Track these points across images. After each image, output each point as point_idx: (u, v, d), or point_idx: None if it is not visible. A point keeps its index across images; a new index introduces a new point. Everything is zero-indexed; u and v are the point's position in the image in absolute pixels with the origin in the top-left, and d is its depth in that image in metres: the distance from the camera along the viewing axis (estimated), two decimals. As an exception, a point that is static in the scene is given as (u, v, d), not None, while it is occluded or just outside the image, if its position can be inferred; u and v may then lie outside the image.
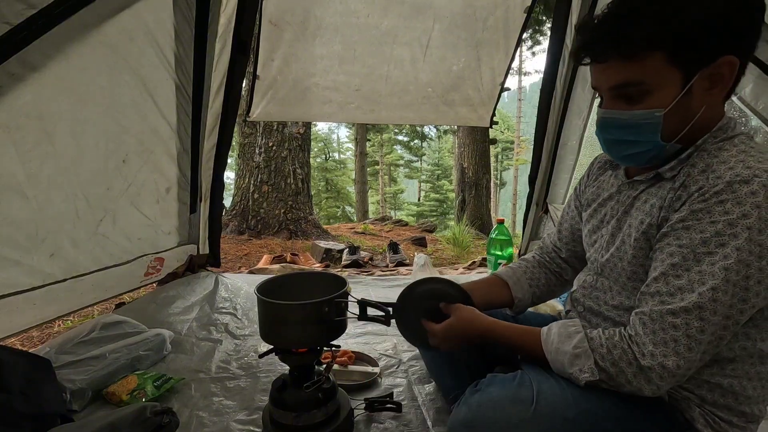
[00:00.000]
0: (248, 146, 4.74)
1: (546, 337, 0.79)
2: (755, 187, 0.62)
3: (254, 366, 1.35)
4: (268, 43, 2.36)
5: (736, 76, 0.69)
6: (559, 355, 0.76)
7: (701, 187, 0.66)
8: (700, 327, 0.63)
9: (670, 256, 0.68)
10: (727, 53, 0.65)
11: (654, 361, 0.65)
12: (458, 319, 0.89)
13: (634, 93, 0.70)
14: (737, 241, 0.62)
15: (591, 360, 0.71)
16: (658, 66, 0.67)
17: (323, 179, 14.07)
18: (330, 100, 2.71)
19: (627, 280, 0.79)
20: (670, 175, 0.74)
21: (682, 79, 0.67)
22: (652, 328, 0.67)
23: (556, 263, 1.10)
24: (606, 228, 0.87)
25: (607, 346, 0.70)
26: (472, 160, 7.06)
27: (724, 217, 0.63)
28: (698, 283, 0.64)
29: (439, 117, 2.93)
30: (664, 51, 0.66)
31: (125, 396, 1.11)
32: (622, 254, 0.79)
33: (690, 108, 0.69)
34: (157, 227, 2.03)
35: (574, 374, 0.73)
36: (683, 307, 0.64)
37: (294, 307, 0.87)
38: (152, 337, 1.36)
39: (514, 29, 2.42)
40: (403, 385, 1.24)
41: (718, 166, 0.66)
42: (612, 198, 0.87)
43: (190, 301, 1.88)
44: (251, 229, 4.52)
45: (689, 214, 0.66)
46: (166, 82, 1.86)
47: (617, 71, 0.70)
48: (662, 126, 0.70)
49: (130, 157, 1.75)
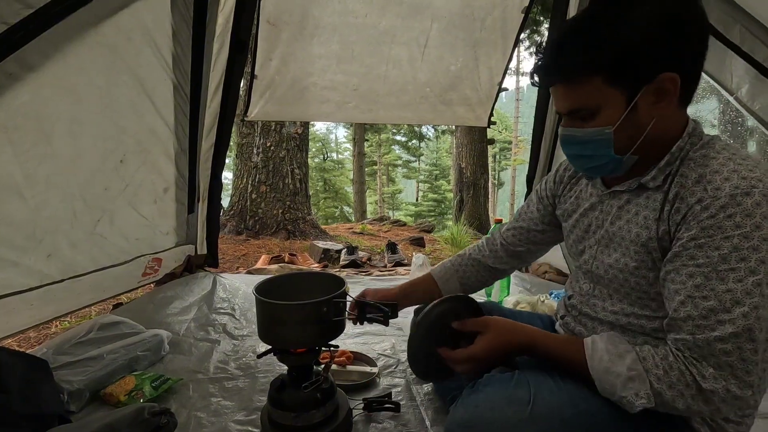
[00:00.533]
0: (246, 146, 4.74)
1: (592, 353, 0.74)
2: (758, 198, 0.63)
3: (252, 366, 1.35)
4: (266, 43, 2.36)
5: (688, 86, 0.71)
6: (609, 375, 0.71)
7: (701, 199, 0.67)
8: (753, 348, 0.63)
9: (691, 277, 0.67)
10: (666, 71, 0.68)
11: (717, 384, 0.63)
12: (499, 332, 0.83)
13: (585, 114, 0.74)
14: (759, 254, 0.62)
15: (647, 384, 0.68)
16: (599, 88, 0.71)
17: (321, 179, 14.06)
18: (328, 100, 2.71)
19: (630, 289, 0.79)
20: (655, 185, 0.75)
21: (626, 98, 0.70)
22: (701, 353, 0.65)
23: (498, 259, 1.11)
24: (593, 238, 0.87)
25: (664, 368, 0.67)
26: (470, 160, 7.07)
27: (738, 231, 0.63)
28: (732, 302, 0.63)
29: (437, 117, 2.94)
30: (602, 74, 0.70)
31: (123, 397, 1.11)
32: (622, 266, 0.79)
33: (639, 123, 0.72)
34: (155, 227, 2.03)
35: (628, 398, 0.68)
36: (732, 333, 0.62)
37: (292, 308, 0.88)
38: (150, 338, 1.36)
39: (512, 29, 2.42)
40: (402, 385, 1.24)
41: (712, 176, 0.67)
42: (594, 208, 0.88)
43: (188, 301, 1.88)
44: (249, 230, 4.51)
45: (699, 231, 0.66)
46: (164, 82, 1.85)
47: (564, 94, 0.75)
48: (614, 141, 0.73)
49: (128, 157, 1.74)
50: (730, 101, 1.75)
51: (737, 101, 1.72)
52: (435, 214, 14.98)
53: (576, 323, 0.92)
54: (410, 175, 18.95)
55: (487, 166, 7.44)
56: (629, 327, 0.80)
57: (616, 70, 0.69)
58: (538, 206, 1.05)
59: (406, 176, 19.37)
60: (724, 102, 2.02)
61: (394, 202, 17.67)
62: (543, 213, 1.05)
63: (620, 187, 0.81)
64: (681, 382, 0.65)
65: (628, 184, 0.79)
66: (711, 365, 0.64)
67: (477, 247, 1.16)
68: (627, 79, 0.70)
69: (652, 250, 0.74)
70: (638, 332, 0.79)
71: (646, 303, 0.78)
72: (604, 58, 0.69)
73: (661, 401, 0.67)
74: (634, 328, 0.80)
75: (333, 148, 18.03)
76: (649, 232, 0.74)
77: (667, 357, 0.68)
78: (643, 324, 0.78)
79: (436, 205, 15.72)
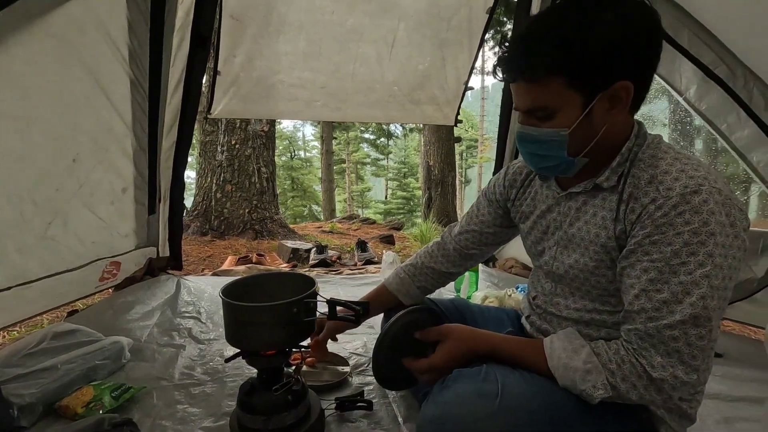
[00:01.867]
0: (210, 144, 4.59)
1: (551, 352, 0.78)
2: (705, 196, 0.67)
3: (220, 371, 1.31)
4: (229, 39, 2.29)
5: (639, 94, 0.74)
6: (568, 371, 0.75)
7: (654, 199, 0.71)
8: (698, 334, 0.67)
9: (645, 272, 0.71)
10: (623, 79, 0.71)
11: (665, 372, 0.68)
12: (458, 340, 0.87)
13: (542, 114, 0.76)
14: (706, 248, 0.66)
15: (603, 375, 0.71)
16: (559, 90, 0.72)
17: (289, 178, 13.84)
18: (295, 98, 2.67)
19: (591, 287, 0.83)
20: (609, 186, 0.78)
21: (583, 102, 0.72)
22: (651, 342, 0.69)
23: (451, 263, 1.14)
24: (552, 239, 0.90)
25: (616, 362, 0.71)
26: (438, 158, 7.15)
27: (688, 227, 0.67)
28: (683, 293, 0.67)
29: (405, 116, 2.95)
30: (563, 76, 0.71)
31: (80, 409, 1.05)
32: (582, 266, 0.82)
33: (592, 127, 0.75)
34: (113, 229, 1.93)
35: (587, 390, 0.72)
36: (680, 320, 0.67)
37: (261, 309, 0.86)
38: (109, 346, 1.30)
39: (477, 29, 2.47)
40: (374, 384, 1.24)
41: (663, 176, 0.71)
42: (551, 210, 0.90)
43: (150, 306, 1.81)
44: (214, 230, 4.38)
45: (654, 229, 0.70)
46: (121, 78, 1.77)
47: (524, 93, 0.76)
48: (568, 143, 0.75)
49: (82, 156, 1.65)
50: (680, 102, 1.86)
51: (686, 102, 1.83)
52: (404, 212, 15.06)
53: (542, 321, 0.95)
54: (379, 173, 18.97)
55: (454, 164, 7.56)
56: (592, 322, 0.84)
57: (578, 73, 0.71)
58: (489, 209, 1.08)
59: (375, 174, 19.36)
60: (674, 102, 2.15)
61: (363, 201, 17.64)
62: (494, 216, 1.07)
63: (576, 189, 0.84)
64: (633, 374, 0.70)
65: (584, 186, 0.82)
66: (659, 353, 0.68)
67: (428, 254, 1.16)
68: (586, 84, 0.71)
69: (610, 250, 0.77)
70: (601, 326, 0.83)
71: (607, 299, 0.82)
72: (568, 61, 0.70)
73: (617, 394, 0.71)
74: (597, 323, 0.84)
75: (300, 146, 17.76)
76: (607, 232, 0.78)
77: (618, 351, 0.72)
78: (605, 319, 0.83)
79: (405, 203, 15.81)
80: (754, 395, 1.20)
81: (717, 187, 0.68)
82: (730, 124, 1.71)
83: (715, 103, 1.71)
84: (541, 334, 0.93)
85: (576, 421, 0.74)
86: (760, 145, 1.64)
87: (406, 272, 1.16)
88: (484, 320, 1.11)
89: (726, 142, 1.76)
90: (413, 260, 1.18)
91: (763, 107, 1.55)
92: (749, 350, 1.51)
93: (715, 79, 1.62)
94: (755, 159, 1.69)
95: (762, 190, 1.77)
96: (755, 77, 1.55)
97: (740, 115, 1.63)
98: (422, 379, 0.90)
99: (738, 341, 1.64)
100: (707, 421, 1.08)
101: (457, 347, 0.86)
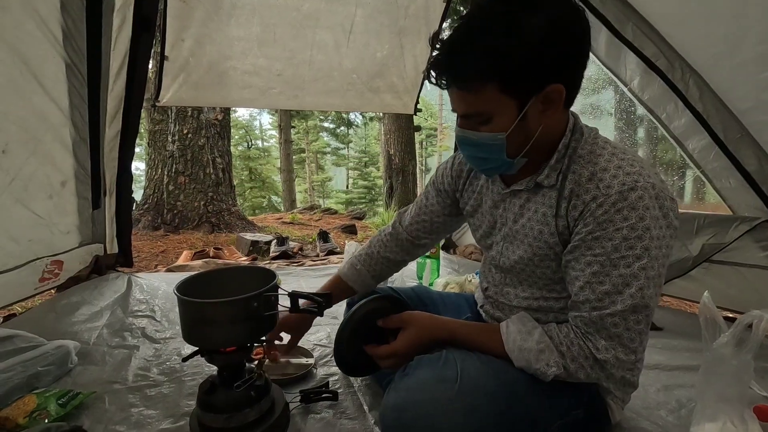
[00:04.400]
0: (160, 134, 4.35)
1: (507, 336, 0.82)
2: (640, 192, 0.71)
3: (178, 370, 1.26)
4: (176, 21, 2.16)
5: (571, 93, 0.75)
6: (523, 352, 0.79)
7: (595, 197, 0.74)
8: (636, 319, 0.73)
9: (588, 265, 0.75)
10: (554, 82, 0.72)
11: (608, 354, 0.74)
12: (419, 327, 0.89)
13: (479, 119, 0.77)
14: (642, 242, 0.71)
15: (555, 354, 0.77)
16: (492, 96, 0.73)
17: (246, 168, 13.38)
18: (250, 85, 2.58)
19: (537, 278, 0.88)
20: (549, 183, 0.81)
21: (517, 106, 0.74)
22: (596, 327, 0.75)
23: (405, 252, 1.17)
24: (498, 235, 0.93)
25: (566, 344, 0.77)
26: (398, 147, 7.18)
27: (626, 223, 0.71)
28: (623, 285, 0.72)
29: (364, 104, 2.93)
30: (495, 83, 0.71)
31: (22, 419, 0.97)
32: (527, 261, 0.86)
33: (528, 129, 0.76)
34: (53, 226, 1.79)
35: (540, 369, 0.77)
36: (620, 310, 0.73)
37: (219, 306, 0.82)
38: (53, 350, 1.21)
39: (435, 18, 2.47)
40: (339, 374, 1.24)
41: (602, 174, 0.75)
42: (497, 206, 0.93)
43: (98, 306, 1.70)
44: (167, 224, 4.18)
45: (596, 226, 0.74)
46: (54, 60, 1.62)
47: (459, 99, 0.77)
48: (506, 146, 0.77)
49: (12, 146, 1.51)
50: (625, 92, 1.96)
51: (630, 92, 1.93)
52: (366, 201, 15.04)
53: (495, 309, 0.99)
54: (339, 163, 18.77)
55: (414, 153, 7.63)
56: (541, 309, 0.89)
57: (510, 79, 0.71)
58: (437, 199, 1.09)
59: (335, 164, 19.14)
60: (620, 92, 2.26)
61: (324, 190, 17.41)
62: (443, 206, 1.09)
63: (519, 186, 0.87)
64: (581, 356, 0.76)
65: (526, 183, 0.85)
66: (603, 337, 0.75)
67: (382, 244, 1.17)
68: (519, 89, 0.72)
69: (553, 245, 0.81)
70: (549, 311, 0.89)
71: (552, 287, 0.87)
72: (499, 67, 0.70)
73: (566, 374, 0.76)
74: (544, 309, 0.89)
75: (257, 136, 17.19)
76: (549, 228, 0.81)
77: (568, 335, 0.78)
78: (552, 305, 0.88)
79: (366, 192, 15.78)
80: (690, 363, 1.30)
81: (651, 182, 0.72)
82: (669, 114, 1.83)
83: (656, 93, 1.82)
84: (495, 320, 0.97)
85: (531, 397, 0.78)
86: (695, 133, 1.76)
87: (361, 263, 1.17)
88: (444, 307, 1.14)
89: (665, 130, 1.88)
90: (368, 250, 1.19)
91: (698, 97, 1.66)
92: (685, 323, 1.64)
93: (656, 70, 1.72)
94: (690, 146, 1.82)
95: (696, 175, 1.91)
96: (691, 69, 1.65)
97: (678, 104, 1.74)
98: (384, 365, 0.92)
99: (675, 315, 1.77)
100: (649, 390, 1.16)
101: (417, 334, 0.89)
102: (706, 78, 1.63)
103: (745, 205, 1.71)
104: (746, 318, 0.82)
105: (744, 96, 1.55)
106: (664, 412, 1.07)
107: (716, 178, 1.79)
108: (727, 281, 1.71)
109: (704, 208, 2.00)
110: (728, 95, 1.60)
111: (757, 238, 1.64)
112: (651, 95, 1.86)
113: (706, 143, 1.73)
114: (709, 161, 1.77)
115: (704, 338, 0.86)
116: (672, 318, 1.71)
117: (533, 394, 0.78)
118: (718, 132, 1.65)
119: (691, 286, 1.79)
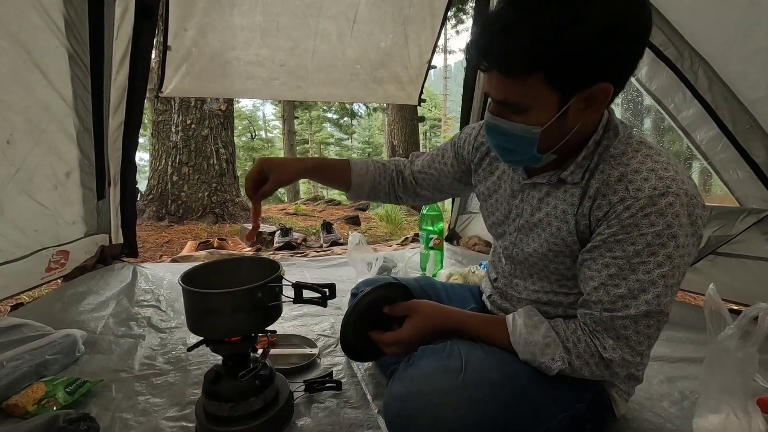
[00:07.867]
0: (163, 124, 4.35)
1: (513, 328, 0.81)
2: (671, 199, 0.67)
3: (183, 359, 1.28)
4: (179, 10, 2.14)
5: (615, 93, 0.70)
6: (528, 345, 0.78)
7: (623, 198, 0.70)
8: (647, 324, 0.72)
9: (606, 267, 0.73)
10: (603, 80, 0.67)
11: (615, 354, 0.73)
12: (425, 316, 0.88)
13: (515, 108, 0.72)
14: (666, 249, 0.68)
15: (560, 348, 0.76)
16: (536, 87, 0.67)
17: (250, 159, 13.40)
18: (253, 76, 2.56)
19: (549, 273, 0.86)
20: (573, 180, 0.77)
21: (559, 101, 0.68)
22: (604, 327, 0.74)
23: (405, 192, 1.14)
24: (513, 225, 0.91)
25: (573, 340, 0.76)
26: (402, 138, 7.15)
27: (652, 229, 0.68)
28: (639, 290, 0.70)
29: (368, 95, 2.90)
30: (542, 73, 0.66)
31: (31, 407, 0.99)
32: (541, 255, 0.84)
33: (565, 126, 0.72)
34: (58, 217, 1.80)
35: (545, 363, 0.76)
36: (632, 315, 0.71)
37: (223, 296, 0.83)
38: (60, 339, 1.23)
39: (440, 7, 2.44)
40: (342, 364, 1.25)
41: (633, 176, 0.71)
42: (515, 196, 0.90)
43: (105, 296, 1.72)
44: (172, 215, 4.20)
45: (620, 229, 0.70)
46: (57, 50, 1.62)
47: (499, 84, 0.71)
48: (538, 141, 0.73)
49: (17, 137, 1.51)
50: (632, 81, 1.93)
51: (638, 82, 1.90)
52: (369, 193, 15.00)
53: (502, 300, 0.99)
54: (343, 153, 18.72)
55: (418, 144, 7.59)
56: (549, 302, 0.88)
57: (559, 71, 0.66)
58: (453, 161, 1.06)
59: (338, 154, 19.10)
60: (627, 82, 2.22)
61: (327, 182, 17.40)
62: (455, 169, 1.06)
63: (540, 179, 0.83)
64: (587, 353, 0.75)
65: (548, 177, 0.81)
66: (611, 337, 0.73)
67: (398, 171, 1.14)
68: (566, 83, 0.67)
69: (570, 243, 0.79)
70: (557, 306, 0.88)
71: (564, 283, 0.86)
72: (550, 57, 0.64)
73: (571, 369, 0.76)
74: (553, 303, 0.88)
75: (261, 126, 17.19)
76: (568, 226, 0.78)
77: (576, 331, 0.77)
78: (561, 300, 0.87)
79: (370, 183, 15.73)
80: (693, 355, 1.31)
81: (684, 189, 0.68)
82: (677, 104, 1.80)
83: (664, 83, 1.79)
84: (501, 311, 0.97)
85: (535, 389, 0.78)
86: (704, 124, 1.73)
87: (376, 168, 1.13)
88: (448, 297, 1.14)
89: (673, 120, 1.86)
90: (386, 162, 1.16)
91: (707, 87, 1.63)
92: (689, 315, 1.63)
93: (664, 60, 1.69)
94: (698, 137, 1.80)
95: (703, 167, 1.89)
96: (700, 58, 1.62)
97: (686, 94, 1.71)
98: (388, 352, 0.91)
99: (680, 307, 1.77)
100: (652, 381, 1.17)
101: (423, 322, 0.88)
102: (715, 67, 1.60)
103: (753, 197, 1.69)
104: (752, 310, 0.81)
105: (755, 85, 1.52)
106: (666, 404, 1.07)
107: (723, 169, 1.77)
108: (732, 273, 1.70)
109: (711, 200, 1.98)
110: (738, 85, 1.57)
111: (763, 230, 1.63)
112: (659, 85, 1.83)
113: (714, 134, 1.71)
114: (716, 152, 1.75)
115: (709, 330, 0.86)
116: (676, 309, 1.68)
117: (537, 387, 0.78)
118: (726, 123, 1.62)
119: (697, 278, 1.77)
